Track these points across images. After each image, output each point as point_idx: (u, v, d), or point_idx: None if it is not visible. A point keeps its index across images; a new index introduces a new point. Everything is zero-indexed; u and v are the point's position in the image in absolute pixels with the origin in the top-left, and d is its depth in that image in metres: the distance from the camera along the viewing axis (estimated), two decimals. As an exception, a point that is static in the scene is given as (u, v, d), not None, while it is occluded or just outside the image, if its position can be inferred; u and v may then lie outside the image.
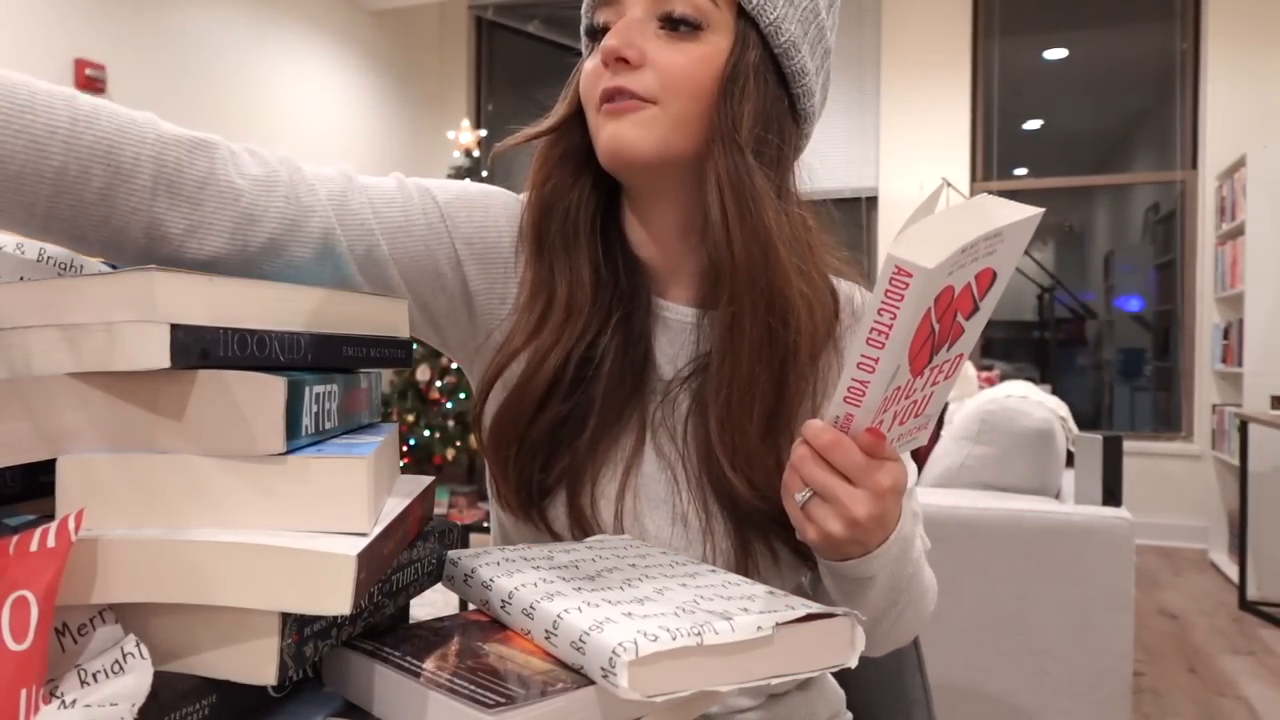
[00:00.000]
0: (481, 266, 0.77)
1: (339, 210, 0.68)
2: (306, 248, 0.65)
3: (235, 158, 0.63)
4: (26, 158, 0.50)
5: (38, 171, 0.51)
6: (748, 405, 0.71)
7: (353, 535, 0.45)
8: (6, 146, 0.50)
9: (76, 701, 0.39)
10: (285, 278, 0.61)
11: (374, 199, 0.71)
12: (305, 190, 0.66)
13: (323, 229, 0.66)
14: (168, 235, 0.58)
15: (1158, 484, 4.55)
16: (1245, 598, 3.46)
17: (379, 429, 0.58)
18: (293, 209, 0.64)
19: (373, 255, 0.69)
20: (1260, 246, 3.86)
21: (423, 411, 4.95)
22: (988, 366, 4.63)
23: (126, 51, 3.78)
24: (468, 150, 5.10)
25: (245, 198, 0.62)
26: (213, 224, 0.60)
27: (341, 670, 0.51)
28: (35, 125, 0.51)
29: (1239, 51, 4.42)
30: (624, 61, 0.69)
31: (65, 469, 0.45)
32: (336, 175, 0.70)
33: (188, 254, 0.59)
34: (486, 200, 0.79)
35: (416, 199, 0.74)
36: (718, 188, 0.70)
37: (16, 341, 0.45)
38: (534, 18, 5.71)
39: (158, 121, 0.59)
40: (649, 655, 0.44)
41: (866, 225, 5.11)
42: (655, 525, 0.75)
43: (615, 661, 0.44)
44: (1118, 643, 1.86)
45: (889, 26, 4.99)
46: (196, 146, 0.60)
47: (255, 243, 0.62)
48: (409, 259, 0.72)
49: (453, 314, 0.77)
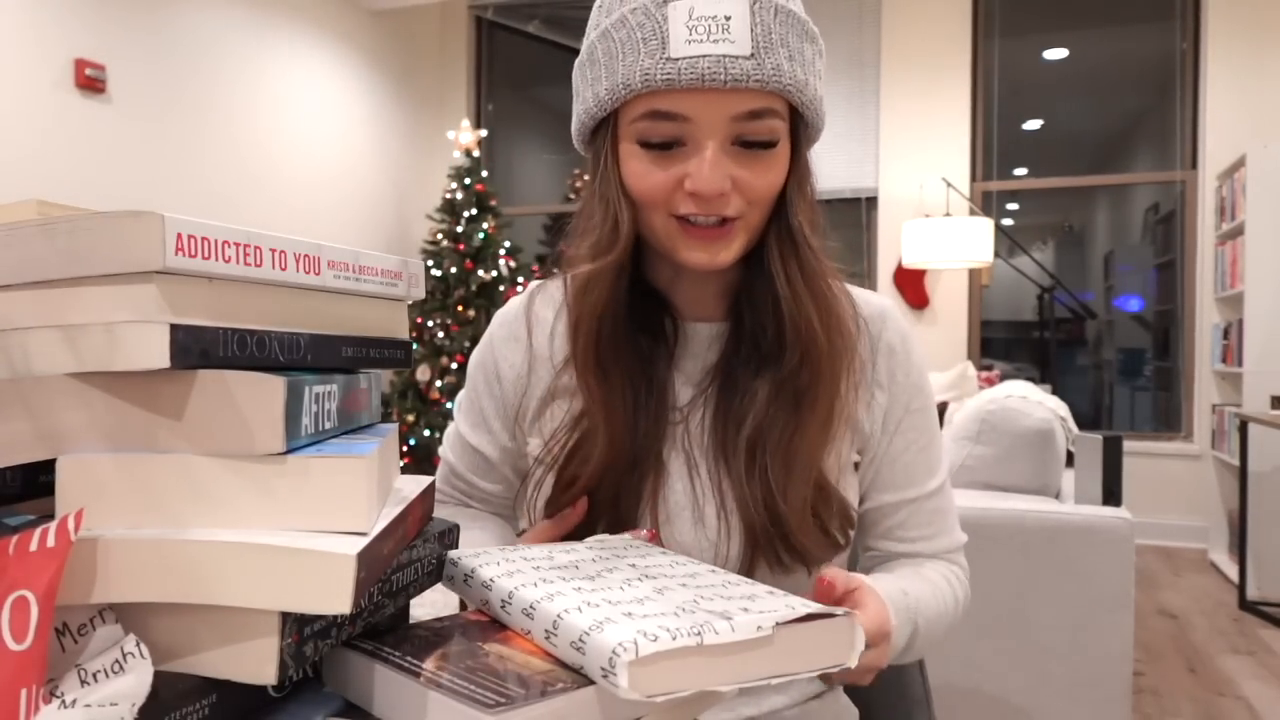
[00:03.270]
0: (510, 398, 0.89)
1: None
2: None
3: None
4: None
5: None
6: (779, 421, 0.77)
7: (353, 535, 0.45)
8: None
9: (76, 701, 0.39)
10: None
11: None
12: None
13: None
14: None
15: (1158, 484, 4.55)
16: (1245, 598, 3.46)
17: (379, 429, 0.58)
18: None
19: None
20: (1260, 246, 3.85)
21: (423, 411, 4.95)
22: (988, 366, 4.63)
23: (126, 51, 3.78)
24: (468, 150, 5.10)
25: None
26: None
27: (341, 670, 0.51)
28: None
29: (1239, 51, 4.42)
30: (719, 195, 0.72)
31: (65, 469, 0.45)
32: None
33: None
34: (485, 372, 0.90)
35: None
36: (788, 283, 0.75)
37: (16, 341, 0.45)
38: (534, 18, 5.71)
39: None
40: (649, 655, 0.44)
41: (866, 225, 5.11)
42: (680, 531, 0.79)
43: (615, 661, 0.44)
44: (1118, 643, 1.86)
45: (889, 26, 4.99)
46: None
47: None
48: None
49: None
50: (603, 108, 0.73)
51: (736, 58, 0.68)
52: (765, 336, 0.78)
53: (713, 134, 0.70)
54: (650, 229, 0.76)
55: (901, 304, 4.97)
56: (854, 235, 5.12)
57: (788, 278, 0.75)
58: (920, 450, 0.85)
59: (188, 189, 4.07)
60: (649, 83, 0.69)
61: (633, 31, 0.70)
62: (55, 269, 0.44)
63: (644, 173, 0.73)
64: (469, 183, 5.07)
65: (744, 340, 0.80)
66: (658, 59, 0.68)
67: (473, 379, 0.91)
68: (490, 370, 0.89)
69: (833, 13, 5.07)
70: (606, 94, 0.72)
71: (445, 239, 5.05)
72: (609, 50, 0.72)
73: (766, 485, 0.76)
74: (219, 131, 4.25)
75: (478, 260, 4.98)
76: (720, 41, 0.68)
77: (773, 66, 0.69)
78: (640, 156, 0.73)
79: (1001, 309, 5.30)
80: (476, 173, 5.10)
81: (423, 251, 5.18)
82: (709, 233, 0.73)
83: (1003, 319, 5.38)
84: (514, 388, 0.86)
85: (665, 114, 0.70)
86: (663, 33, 0.69)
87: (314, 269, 0.52)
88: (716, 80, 0.68)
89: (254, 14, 4.45)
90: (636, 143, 0.73)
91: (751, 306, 0.79)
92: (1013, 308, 5.37)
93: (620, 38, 0.71)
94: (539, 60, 5.82)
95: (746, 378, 0.79)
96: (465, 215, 5.05)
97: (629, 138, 0.73)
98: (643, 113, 0.71)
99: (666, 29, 0.68)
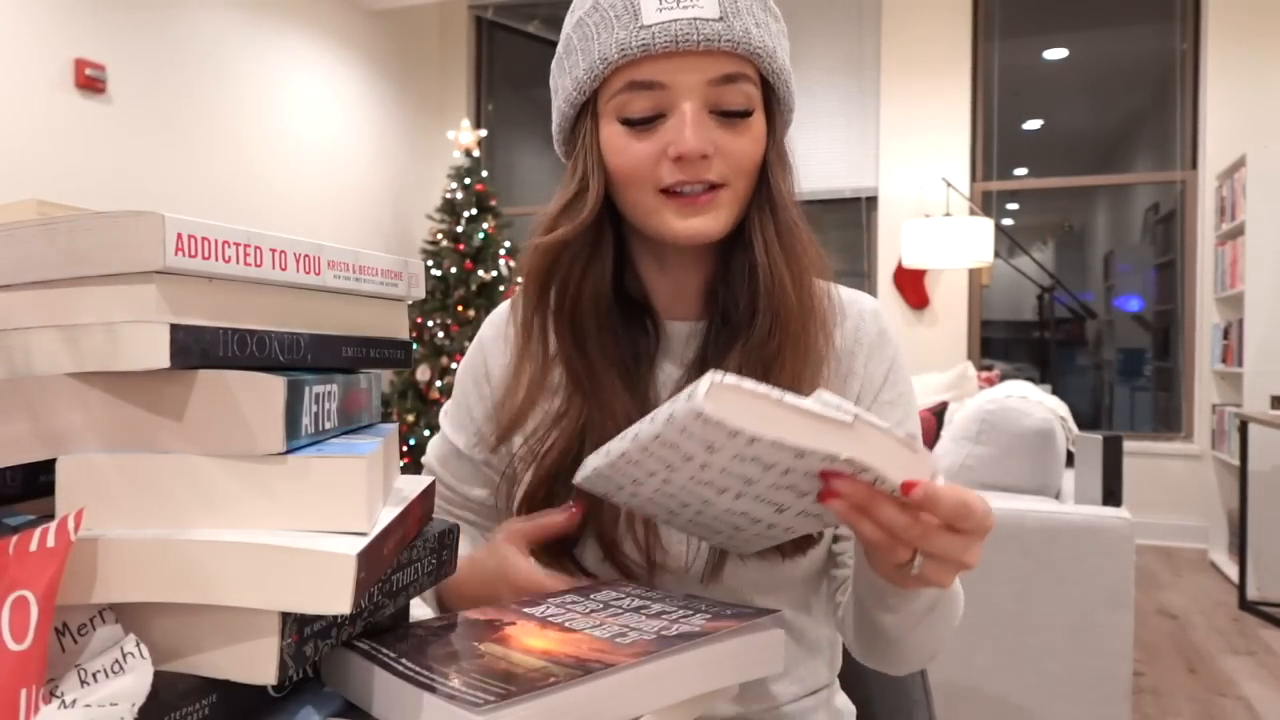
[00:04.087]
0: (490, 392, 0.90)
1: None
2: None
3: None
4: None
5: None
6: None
7: (353, 535, 0.45)
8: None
9: (76, 701, 0.39)
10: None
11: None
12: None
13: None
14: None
15: (1158, 484, 4.55)
16: (1245, 598, 3.46)
17: (379, 429, 0.58)
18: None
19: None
20: (1260, 246, 3.85)
21: (423, 411, 4.95)
22: (988, 366, 4.63)
23: (126, 51, 3.78)
24: (468, 150, 5.10)
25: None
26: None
27: (341, 670, 0.51)
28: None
29: (1239, 52, 4.42)
30: (702, 158, 0.73)
31: (65, 469, 0.45)
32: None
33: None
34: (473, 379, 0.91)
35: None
36: (765, 248, 0.77)
37: (17, 341, 0.45)
38: (534, 18, 5.71)
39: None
40: (733, 384, 0.48)
41: (866, 225, 5.11)
42: (666, 529, 0.79)
43: (701, 382, 0.47)
44: (1118, 643, 1.86)
45: (889, 27, 4.99)
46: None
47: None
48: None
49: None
50: (582, 91, 0.76)
51: (708, 19, 0.71)
52: (737, 309, 0.79)
53: (690, 97, 0.73)
54: (637, 208, 0.77)
55: (902, 304, 4.98)
56: (854, 235, 5.13)
57: (764, 241, 0.77)
58: (897, 426, 0.84)
59: (188, 189, 4.07)
60: (625, 52, 0.72)
61: (605, 13, 0.74)
62: (55, 269, 0.44)
63: (625, 147, 0.75)
64: (469, 183, 5.07)
65: (723, 337, 0.81)
66: (631, 30, 0.72)
67: (461, 384, 0.92)
68: (480, 371, 0.90)
69: (832, 13, 5.07)
70: (585, 73, 0.75)
71: (445, 239, 5.05)
72: (585, 35, 0.75)
73: None
74: (219, 131, 4.25)
75: (478, 260, 4.99)
76: (689, 6, 0.71)
77: (741, 29, 0.72)
78: (621, 134, 0.75)
79: (1001, 309, 5.30)
80: (476, 173, 5.10)
81: (423, 251, 5.18)
82: (696, 200, 0.75)
83: (1003, 319, 5.38)
84: (503, 386, 0.87)
85: (643, 84, 0.73)
86: (634, 7, 0.72)
87: (314, 269, 0.52)
88: (689, 41, 0.70)
89: (254, 14, 4.45)
90: (617, 120, 0.75)
91: (729, 289, 0.80)
92: (1013, 308, 5.37)
93: (594, 21, 0.75)
94: (539, 60, 5.81)
95: (719, 360, 0.80)
96: (465, 215, 5.05)
97: (609, 115, 0.75)
98: (621, 86, 0.73)
99: (638, 3, 0.72)
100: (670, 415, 0.49)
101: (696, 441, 0.50)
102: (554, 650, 0.50)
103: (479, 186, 5.08)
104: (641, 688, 0.49)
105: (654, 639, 0.52)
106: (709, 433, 0.49)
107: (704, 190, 0.74)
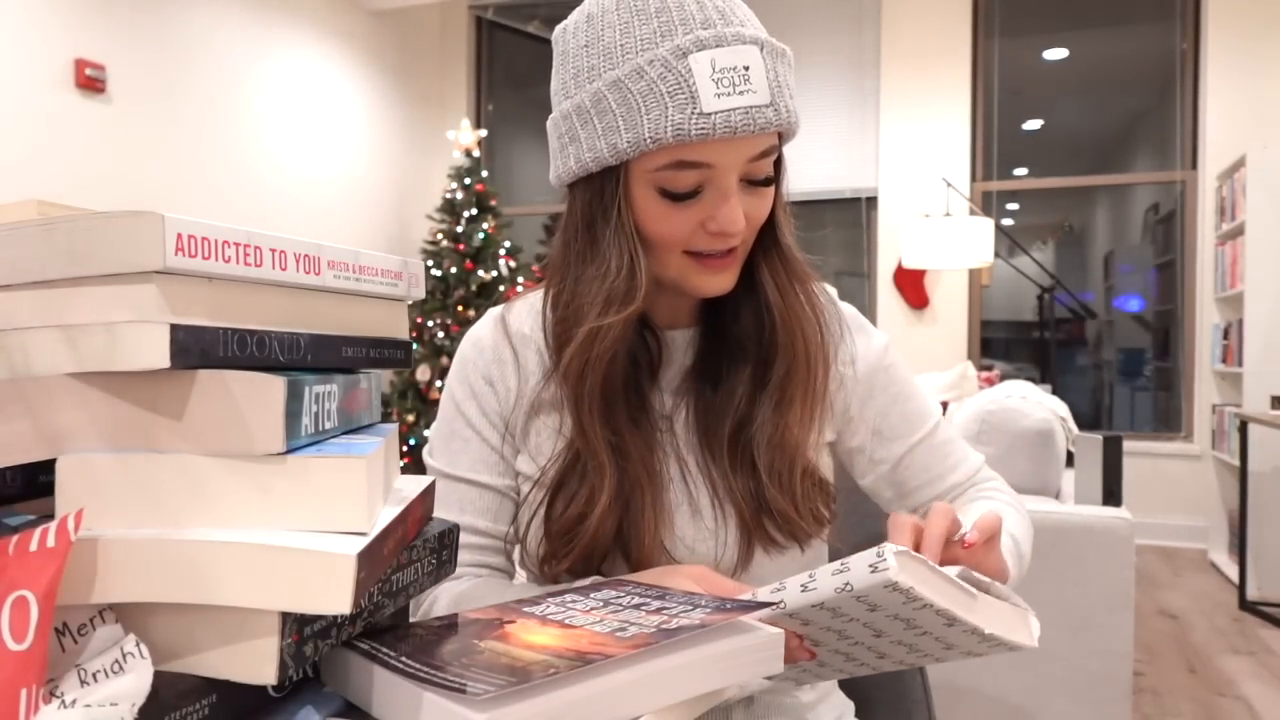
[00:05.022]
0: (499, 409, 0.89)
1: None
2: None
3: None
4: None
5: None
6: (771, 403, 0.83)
7: (353, 535, 0.45)
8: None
9: (76, 701, 0.39)
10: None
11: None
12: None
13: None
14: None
15: (1158, 484, 4.55)
16: (1245, 598, 3.46)
17: (379, 429, 0.58)
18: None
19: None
20: (1260, 246, 3.85)
21: (423, 411, 4.95)
22: (988, 366, 4.63)
23: (126, 51, 3.78)
24: (468, 150, 5.10)
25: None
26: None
27: (341, 670, 0.51)
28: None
29: (1239, 51, 4.42)
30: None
31: (65, 469, 0.45)
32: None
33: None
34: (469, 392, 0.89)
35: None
36: (780, 293, 0.82)
37: (17, 341, 0.45)
38: (534, 18, 5.71)
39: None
40: (909, 554, 0.57)
41: (866, 225, 5.11)
42: (679, 525, 0.83)
43: (884, 552, 0.56)
44: (1118, 643, 1.86)
45: (889, 26, 4.99)
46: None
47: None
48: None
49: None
50: (619, 157, 0.74)
51: (761, 107, 0.71)
52: (749, 339, 0.83)
53: (732, 173, 0.74)
54: (663, 266, 0.79)
55: (902, 304, 4.98)
56: (854, 235, 5.13)
57: (779, 287, 0.82)
58: (906, 400, 0.91)
59: (188, 189, 4.07)
60: (681, 136, 0.71)
61: (653, 84, 0.71)
62: (55, 269, 0.44)
63: (663, 217, 0.76)
64: (469, 183, 5.07)
65: (714, 339, 0.86)
66: (689, 114, 0.70)
67: (462, 410, 0.88)
68: (481, 387, 0.87)
69: (833, 13, 5.07)
70: (629, 145, 0.72)
71: (445, 239, 5.05)
72: (625, 101, 0.72)
73: (754, 471, 0.81)
74: (219, 131, 4.25)
75: (478, 260, 4.99)
76: (746, 93, 0.71)
77: (785, 110, 0.73)
78: (658, 202, 0.75)
79: (1001, 309, 5.30)
80: (476, 173, 5.10)
81: (423, 251, 5.18)
82: (720, 262, 0.78)
83: (1003, 319, 5.38)
84: (506, 399, 0.87)
85: (691, 164, 0.73)
86: (690, 87, 0.70)
87: (314, 269, 0.52)
88: (747, 131, 0.71)
89: (254, 14, 4.45)
90: (655, 190, 0.75)
91: (733, 313, 0.84)
92: (1013, 308, 5.37)
93: (639, 89, 0.72)
94: (539, 60, 5.82)
95: (721, 371, 0.84)
96: (465, 215, 5.05)
97: (646, 185, 0.75)
98: (666, 163, 0.73)
99: (694, 83, 0.70)
100: (847, 584, 0.57)
101: (864, 605, 0.59)
102: (554, 645, 0.50)
103: (479, 186, 5.08)
104: (641, 683, 0.49)
105: (654, 632, 0.52)
106: (883, 597, 0.57)
107: (726, 252, 0.78)
